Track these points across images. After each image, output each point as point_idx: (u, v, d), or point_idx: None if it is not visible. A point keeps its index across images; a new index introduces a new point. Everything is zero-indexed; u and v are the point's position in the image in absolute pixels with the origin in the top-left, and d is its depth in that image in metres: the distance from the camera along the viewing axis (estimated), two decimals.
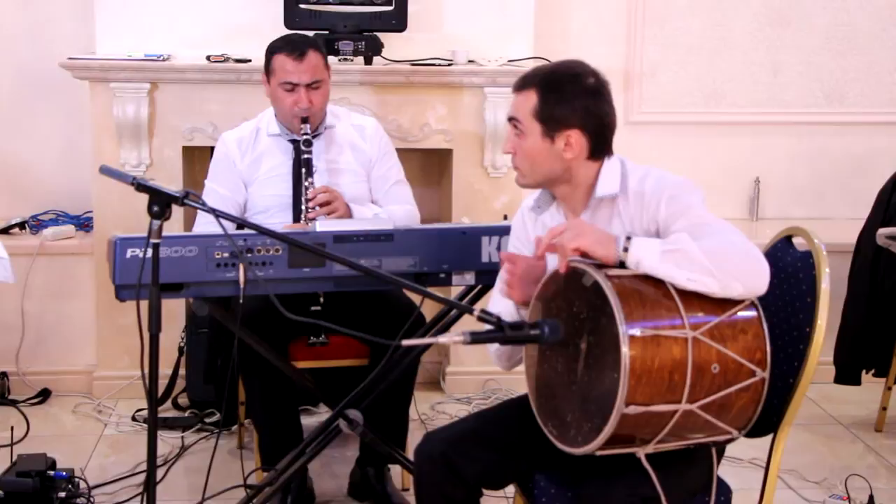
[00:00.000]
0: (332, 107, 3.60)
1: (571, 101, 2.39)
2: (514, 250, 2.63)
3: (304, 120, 3.39)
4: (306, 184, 3.35)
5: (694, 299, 2.18)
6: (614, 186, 2.42)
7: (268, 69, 3.45)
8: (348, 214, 3.35)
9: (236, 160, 3.52)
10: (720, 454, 2.41)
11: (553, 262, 2.39)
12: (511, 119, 2.45)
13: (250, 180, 3.52)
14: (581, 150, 2.40)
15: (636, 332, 2.09)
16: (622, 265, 2.23)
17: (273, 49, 3.45)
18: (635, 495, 2.22)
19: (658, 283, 2.19)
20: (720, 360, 2.15)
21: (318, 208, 3.30)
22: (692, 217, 2.30)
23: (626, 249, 2.22)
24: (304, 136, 3.38)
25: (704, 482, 2.37)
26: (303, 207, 3.34)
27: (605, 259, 2.23)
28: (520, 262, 2.43)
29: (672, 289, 2.18)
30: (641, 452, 2.19)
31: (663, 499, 2.19)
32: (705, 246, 2.18)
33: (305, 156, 3.38)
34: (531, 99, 2.40)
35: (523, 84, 2.43)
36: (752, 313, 2.22)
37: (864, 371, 4.21)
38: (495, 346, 2.56)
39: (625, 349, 2.08)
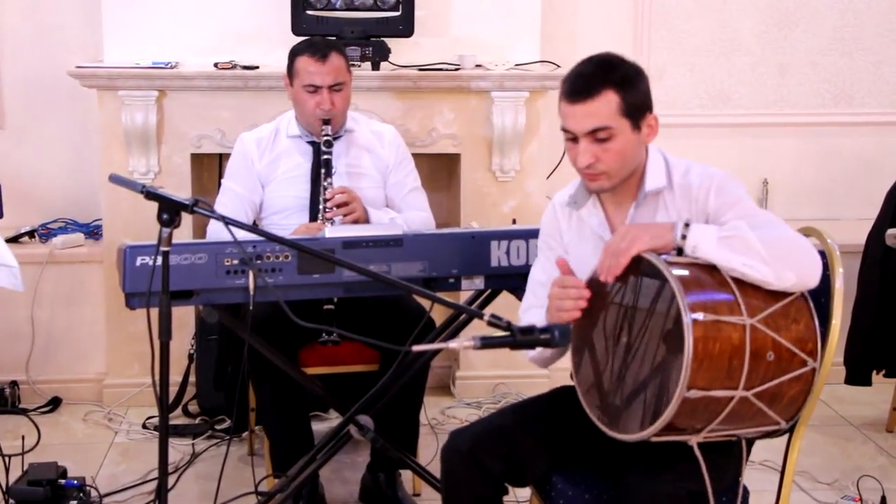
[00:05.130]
0: (352, 112, 3.63)
1: (640, 84, 2.41)
2: (544, 246, 2.64)
3: (326, 122, 3.41)
4: (325, 184, 3.37)
5: (749, 288, 2.21)
6: (661, 180, 2.44)
7: (290, 72, 3.48)
8: (365, 217, 3.36)
9: (254, 160, 3.53)
10: (747, 456, 2.42)
11: (577, 257, 2.43)
12: (594, 131, 2.36)
13: (267, 180, 3.53)
14: (657, 130, 2.44)
15: (699, 316, 2.12)
16: (679, 252, 2.25)
17: (296, 51, 3.48)
18: (681, 488, 2.23)
19: (714, 270, 2.22)
20: (775, 348, 2.18)
21: (335, 209, 3.31)
22: (743, 208, 2.34)
23: (684, 236, 2.24)
24: (325, 137, 3.40)
25: (730, 484, 2.39)
26: (321, 207, 3.35)
27: (664, 249, 2.26)
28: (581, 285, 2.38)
29: (728, 277, 2.21)
30: (693, 440, 2.21)
31: (710, 490, 2.20)
32: (761, 235, 2.21)
33: (325, 156, 3.39)
34: (611, 99, 2.36)
35: (593, 89, 2.35)
36: (803, 304, 2.25)
37: (874, 372, 4.20)
38: (533, 352, 2.56)
39: (689, 334, 2.09)
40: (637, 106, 2.39)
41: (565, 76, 2.43)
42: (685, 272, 2.19)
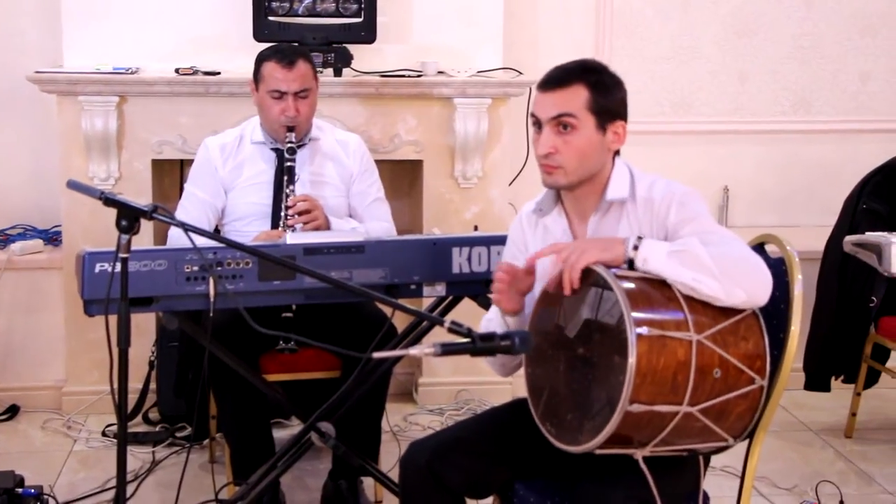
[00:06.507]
0: (317, 120, 3.62)
1: (615, 92, 2.43)
2: (510, 256, 2.65)
3: (290, 129, 3.41)
4: (287, 191, 3.36)
5: (698, 305, 2.22)
6: (624, 191, 2.45)
7: (256, 77, 3.47)
8: (327, 225, 3.36)
9: (218, 166, 3.52)
10: (706, 463, 2.43)
11: (542, 268, 2.43)
12: (558, 117, 2.39)
13: (230, 186, 3.52)
14: (623, 140, 2.44)
15: (644, 331, 2.12)
16: (630, 264, 2.26)
17: (262, 57, 3.47)
18: (632, 497, 2.24)
19: (665, 286, 2.23)
20: (722, 365, 2.19)
21: (297, 217, 3.30)
22: (701, 224, 2.35)
23: (635, 248, 2.26)
24: (289, 145, 3.39)
25: (690, 490, 2.39)
26: (282, 214, 3.35)
27: (614, 262, 2.27)
28: (510, 273, 2.45)
29: (678, 293, 2.22)
30: (639, 454, 2.22)
31: (658, 501, 2.21)
32: (713, 251, 2.22)
33: (288, 164, 3.39)
34: (581, 93, 2.39)
35: (565, 80, 2.40)
36: (753, 322, 2.26)
37: (833, 377, 4.24)
38: (490, 357, 2.56)
39: (632, 348, 2.10)
40: (606, 108, 2.41)
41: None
42: (634, 286, 2.20)
